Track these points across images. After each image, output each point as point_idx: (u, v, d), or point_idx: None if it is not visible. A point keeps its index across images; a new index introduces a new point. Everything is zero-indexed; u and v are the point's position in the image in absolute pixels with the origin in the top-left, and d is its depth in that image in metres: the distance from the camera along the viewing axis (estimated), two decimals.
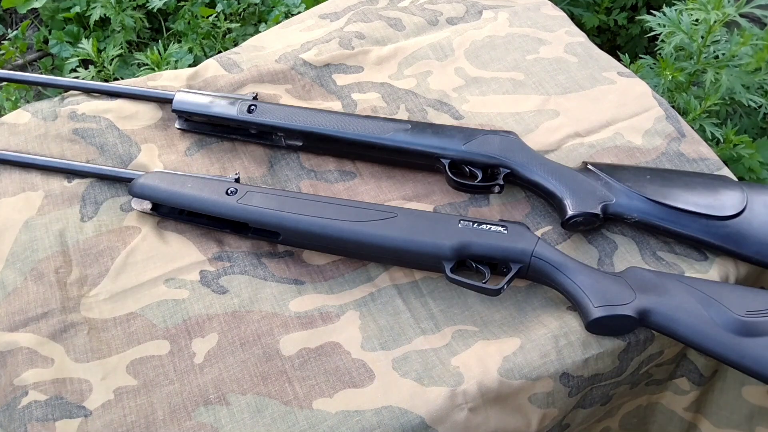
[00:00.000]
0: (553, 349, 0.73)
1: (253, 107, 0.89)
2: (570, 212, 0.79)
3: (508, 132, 0.87)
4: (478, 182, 0.84)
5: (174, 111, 0.91)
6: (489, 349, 0.73)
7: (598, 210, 0.79)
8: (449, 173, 0.84)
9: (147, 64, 1.44)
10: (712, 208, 0.79)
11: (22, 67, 1.73)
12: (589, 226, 0.80)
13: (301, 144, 0.89)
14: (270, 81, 0.97)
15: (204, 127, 0.92)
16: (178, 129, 0.92)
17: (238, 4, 1.59)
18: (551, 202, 0.83)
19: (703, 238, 0.79)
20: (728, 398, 0.83)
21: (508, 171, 0.84)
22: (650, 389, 0.85)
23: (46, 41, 1.72)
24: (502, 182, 0.84)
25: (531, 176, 0.83)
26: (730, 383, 0.82)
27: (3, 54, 1.68)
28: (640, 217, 0.80)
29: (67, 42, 1.65)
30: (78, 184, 0.86)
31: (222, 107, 0.90)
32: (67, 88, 0.98)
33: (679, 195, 0.80)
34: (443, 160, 0.84)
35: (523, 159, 0.84)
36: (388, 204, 0.84)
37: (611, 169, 0.83)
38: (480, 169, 0.84)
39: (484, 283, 0.74)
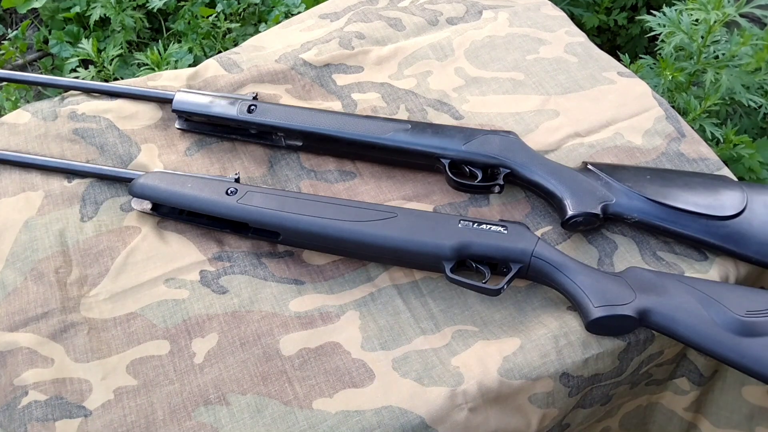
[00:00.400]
0: (553, 349, 0.73)
1: (253, 107, 0.89)
2: (570, 212, 0.79)
3: (508, 132, 0.87)
4: (478, 182, 0.84)
5: (174, 111, 0.91)
6: (489, 349, 0.73)
7: (598, 210, 0.79)
8: (449, 173, 0.84)
9: (147, 64, 1.44)
10: (712, 208, 0.79)
11: (22, 67, 1.73)
12: (589, 226, 0.80)
13: (301, 144, 0.89)
14: (270, 81, 0.97)
15: (204, 127, 0.92)
16: (178, 129, 0.92)
17: (238, 4, 1.59)
18: (551, 202, 0.83)
19: (703, 238, 0.79)
20: (728, 398, 0.83)
21: (508, 171, 0.84)
22: (650, 389, 0.85)
23: (46, 41, 1.72)
24: (502, 182, 0.84)
25: (531, 176, 0.83)
26: (730, 383, 0.82)
27: (3, 54, 1.68)
28: (640, 217, 0.80)
29: (67, 42, 1.65)
30: (78, 184, 0.86)
31: (222, 107, 0.90)
32: (67, 88, 0.98)
33: (679, 195, 0.80)
34: (443, 160, 0.84)
35: (523, 159, 0.84)
36: (388, 204, 0.84)
37: (611, 169, 0.83)
38: (480, 169, 0.84)
39: (484, 283, 0.74)
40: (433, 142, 0.85)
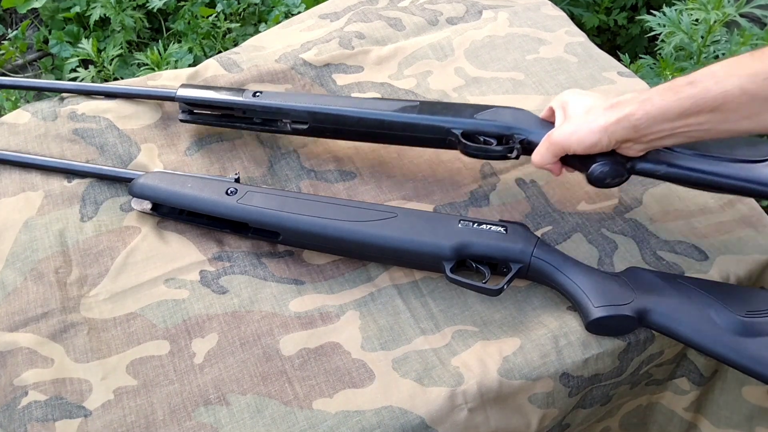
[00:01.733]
0: (553, 349, 0.73)
1: (258, 93, 0.88)
2: (594, 164, 0.73)
3: (518, 108, 0.84)
4: (495, 146, 0.80)
5: (177, 100, 0.90)
6: (489, 349, 0.73)
7: (624, 160, 0.73)
8: (464, 140, 0.81)
9: (147, 64, 1.44)
10: (745, 154, 0.73)
11: (22, 67, 1.74)
12: (617, 179, 0.74)
13: (306, 127, 0.87)
14: (270, 81, 0.97)
15: (208, 117, 0.91)
16: (181, 121, 0.91)
17: (238, 4, 1.60)
18: (573, 161, 0.76)
19: (738, 183, 0.73)
20: (728, 398, 0.83)
21: (523, 138, 0.80)
22: (650, 389, 0.85)
23: (46, 41, 1.72)
24: (519, 146, 0.79)
25: None
26: (730, 383, 0.82)
27: (3, 54, 1.69)
28: (668, 169, 0.74)
29: (67, 42, 1.65)
30: (78, 184, 0.86)
31: (227, 94, 0.89)
32: (65, 92, 0.97)
33: (708, 144, 0.74)
34: (455, 131, 0.82)
35: (538, 128, 0.80)
36: (388, 204, 0.84)
37: None
38: (494, 139, 0.80)
39: (484, 283, 0.74)
40: (444, 116, 0.82)
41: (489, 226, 0.76)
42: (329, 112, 0.85)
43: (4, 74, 1.75)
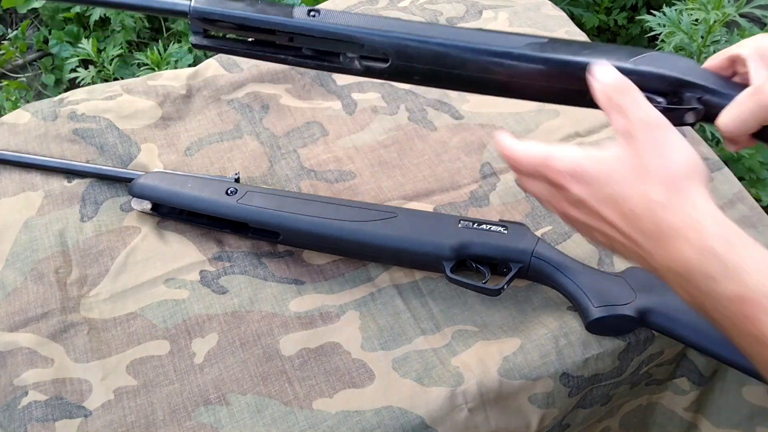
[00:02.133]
0: (553, 349, 0.73)
1: (314, 13, 0.64)
2: None
3: (678, 55, 0.64)
4: (667, 103, 0.59)
5: (192, 15, 0.66)
6: (489, 349, 0.73)
7: None
8: None
9: (147, 64, 1.45)
10: None
11: (22, 67, 1.74)
12: None
13: (386, 65, 0.63)
14: (270, 80, 0.97)
15: (234, 44, 0.69)
16: (194, 46, 0.70)
17: None
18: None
19: None
20: (728, 398, 0.83)
21: (700, 96, 0.58)
22: (650, 389, 0.85)
23: (46, 41, 1.72)
24: (698, 106, 0.58)
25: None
26: (730, 383, 0.82)
27: (3, 54, 1.69)
28: None
29: (67, 42, 1.65)
30: (78, 184, 0.86)
31: (269, 10, 0.64)
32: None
33: None
34: None
35: (718, 84, 0.58)
36: (388, 204, 0.84)
37: None
38: (660, 96, 0.59)
39: (484, 283, 0.74)
40: (588, 56, 0.60)
41: (489, 226, 0.76)
42: (425, 47, 0.62)
43: (4, 75, 1.75)
